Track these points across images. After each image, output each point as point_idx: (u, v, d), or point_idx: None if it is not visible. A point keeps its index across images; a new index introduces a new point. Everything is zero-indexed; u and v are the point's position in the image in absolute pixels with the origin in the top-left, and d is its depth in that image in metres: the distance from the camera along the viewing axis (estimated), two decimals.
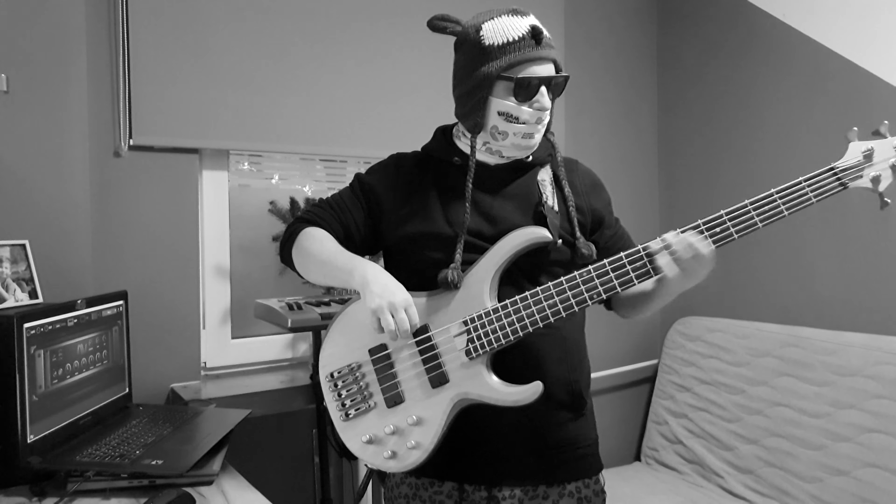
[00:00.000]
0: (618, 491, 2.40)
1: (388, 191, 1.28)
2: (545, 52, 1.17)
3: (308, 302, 1.85)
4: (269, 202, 2.15)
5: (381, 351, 1.20)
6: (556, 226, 1.21)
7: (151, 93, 1.83)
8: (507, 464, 1.22)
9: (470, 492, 1.25)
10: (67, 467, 1.26)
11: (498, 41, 1.17)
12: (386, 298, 1.10)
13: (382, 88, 2.20)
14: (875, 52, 2.23)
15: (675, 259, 1.10)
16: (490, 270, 1.16)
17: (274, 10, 2.01)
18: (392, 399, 1.18)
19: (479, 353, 1.14)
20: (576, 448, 1.25)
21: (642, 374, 2.94)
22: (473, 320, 1.15)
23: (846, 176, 1.10)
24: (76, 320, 1.46)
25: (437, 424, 1.15)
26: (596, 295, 1.13)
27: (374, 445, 1.19)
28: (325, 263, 1.21)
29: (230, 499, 1.26)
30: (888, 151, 1.09)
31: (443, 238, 1.20)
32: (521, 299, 1.14)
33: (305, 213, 1.31)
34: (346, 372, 1.22)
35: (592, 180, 1.33)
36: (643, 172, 2.96)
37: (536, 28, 1.17)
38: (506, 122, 1.19)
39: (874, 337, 2.16)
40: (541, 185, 1.25)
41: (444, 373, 1.16)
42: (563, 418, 1.23)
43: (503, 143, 1.21)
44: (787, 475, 2.22)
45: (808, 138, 2.42)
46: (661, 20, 2.97)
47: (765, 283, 2.57)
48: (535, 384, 1.12)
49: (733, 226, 1.11)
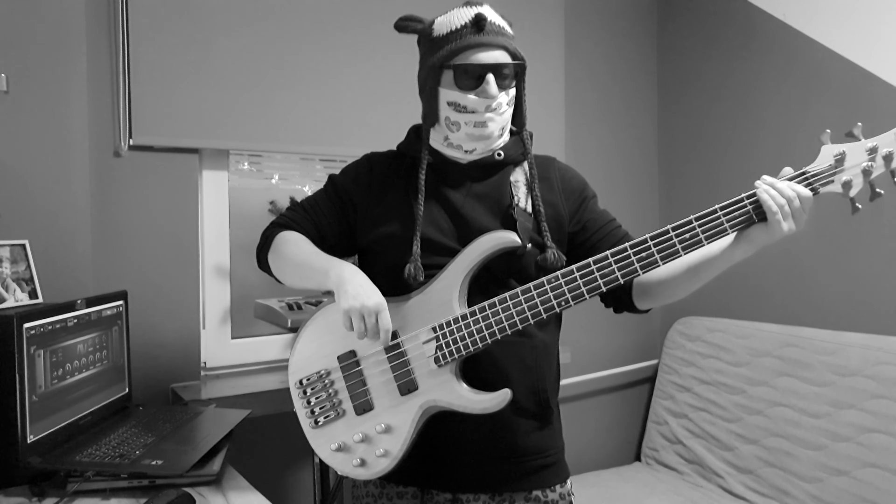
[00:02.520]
0: (618, 491, 2.40)
1: (362, 191, 1.27)
2: (488, 39, 1.15)
3: (308, 302, 1.85)
4: (269, 202, 2.15)
5: (350, 358, 1.19)
6: (528, 229, 1.19)
7: (151, 93, 1.83)
8: (470, 470, 1.21)
9: (434, 494, 1.24)
10: (67, 467, 1.26)
11: (443, 31, 1.18)
12: (360, 301, 1.08)
13: (382, 88, 2.20)
14: (875, 52, 2.23)
15: (774, 198, 1.05)
16: (459, 276, 1.15)
17: (274, 11, 2.01)
18: (361, 406, 1.18)
19: (447, 361, 1.13)
20: (542, 456, 1.24)
21: (642, 374, 2.94)
22: (442, 327, 1.14)
23: (817, 181, 1.08)
24: (76, 320, 1.46)
25: (406, 432, 1.15)
26: (564, 302, 1.10)
27: (343, 453, 1.18)
28: (301, 265, 1.20)
29: (230, 499, 1.26)
30: (860, 155, 1.07)
31: (410, 238, 1.19)
32: (489, 305, 1.13)
33: (279, 218, 1.30)
34: (315, 379, 1.21)
35: (570, 176, 1.30)
36: (643, 172, 2.96)
37: (480, 15, 1.16)
38: (455, 111, 1.18)
39: (874, 337, 2.16)
40: (514, 186, 1.23)
41: (413, 380, 1.15)
42: (530, 426, 1.22)
43: (458, 135, 1.20)
44: (787, 475, 2.22)
45: (807, 138, 2.42)
46: (662, 20, 2.97)
47: (765, 283, 2.57)
48: (503, 392, 1.11)
49: (727, 221, 1.09)
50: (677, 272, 1.18)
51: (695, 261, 1.16)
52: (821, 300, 2.40)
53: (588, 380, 2.73)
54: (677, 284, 1.20)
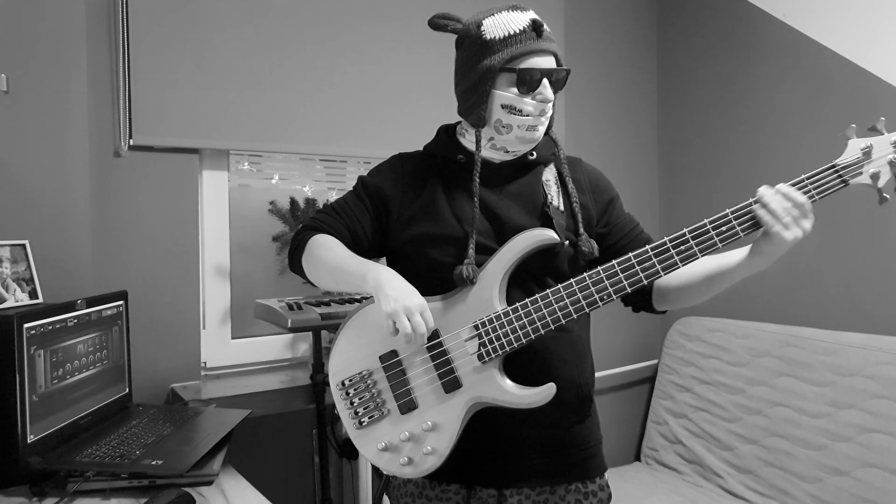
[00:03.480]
0: (618, 491, 2.39)
1: (394, 192, 1.27)
2: (546, 45, 1.17)
3: (308, 302, 1.85)
4: (269, 202, 2.15)
5: (391, 358, 1.19)
6: (562, 226, 1.21)
7: (151, 93, 1.83)
8: (515, 465, 1.22)
9: (478, 490, 1.25)
10: (67, 467, 1.26)
11: (499, 35, 1.18)
12: (402, 302, 1.09)
13: (382, 88, 2.20)
14: (875, 52, 2.23)
15: (771, 212, 1.07)
16: (498, 273, 1.16)
17: (274, 11, 2.01)
18: (406, 405, 1.18)
19: (491, 357, 1.14)
20: (582, 449, 1.25)
21: (642, 374, 2.94)
22: (484, 324, 1.15)
23: (847, 173, 1.11)
24: (76, 320, 1.46)
25: (453, 429, 1.15)
26: (606, 296, 1.12)
27: (389, 453, 1.18)
28: (336, 269, 1.20)
29: (230, 499, 1.26)
30: (886, 148, 1.10)
31: (452, 237, 1.20)
32: (531, 302, 1.14)
33: (311, 221, 1.30)
34: (358, 380, 1.21)
35: (596, 177, 1.33)
36: (643, 172, 2.96)
37: (537, 21, 1.18)
38: (509, 114, 1.19)
39: (874, 337, 2.16)
40: (545, 185, 1.25)
41: (456, 378, 1.16)
42: (571, 420, 1.24)
43: (507, 137, 1.21)
44: (787, 475, 2.22)
45: (808, 138, 2.42)
46: (661, 20, 2.97)
47: (765, 283, 2.56)
48: (548, 386, 1.12)
49: (738, 225, 1.11)
50: (695, 279, 1.22)
51: (712, 270, 1.20)
52: (821, 300, 2.40)
53: None
54: (694, 291, 1.24)
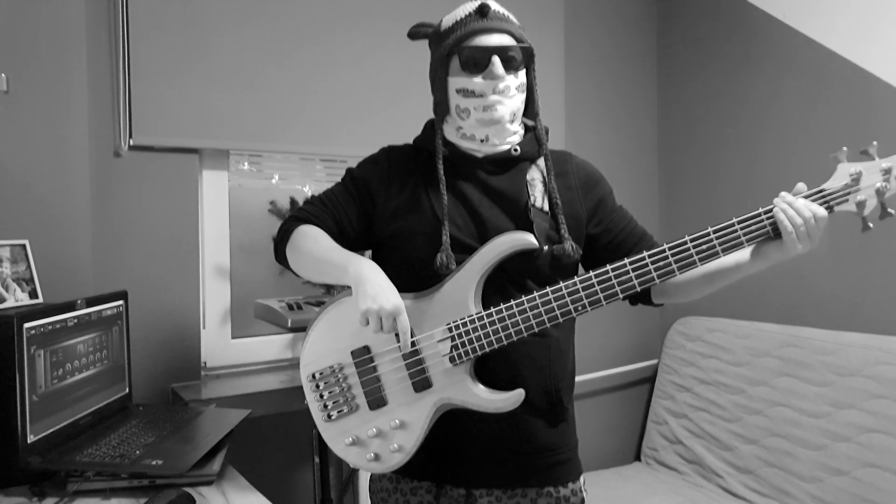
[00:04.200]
0: (618, 491, 2.40)
1: (381, 184, 1.27)
2: (492, 24, 1.18)
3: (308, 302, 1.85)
4: (269, 202, 2.15)
5: (364, 353, 1.19)
6: (544, 230, 1.20)
7: (151, 93, 1.83)
8: (484, 466, 1.22)
9: (448, 489, 1.26)
10: (67, 467, 1.26)
11: (448, 24, 1.22)
12: (378, 302, 1.09)
13: (382, 88, 2.20)
14: (876, 52, 2.22)
15: (789, 217, 1.07)
16: (475, 276, 1.16)
17: (274, 11, 2.01)
18: (375, 402, 1.18)
19: (462, 360, 1.14)
20: (555, 453, 1.25)
21: (642, 374, 2.94)
22: (458, 326, 1.15)
23: (833, 199, 1.09)
24: (76, 320, 1.46)
25: (420, 428, 1.16)
26: (581, 307, 1.12)
27: (357, 447, 1.19)
28: (320, 260, 1.21)
29: (230, 499, 1.26)
30: (875, 175, 1.08)
31: (430, 232, 1.20)
32: (506, 308, 1.14)
33: (298, 212, 1.30)
34: (329, 373, 1.21)
35: (587, 173, 1.31)
36: (643, 172, 2.96)
37: (485, 4, 1.19)
38: (465, 97, 1.19)
39: (874, 337, 2.16)
40: (530, 184, 1.24)
41: (427, 378, 1.16)
42: (542, 424, 1.23)
43: (469, 122, 1.21)
44: (787, 475, 2.22)
45: (808, 139, 2.42)
46: (661, 20, 2.97)
47: (765, 283, 2.56)
48: (517, 392, 1.13)
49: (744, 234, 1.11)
50: (693, 278, 1.23)
51: (710, 269, 1.20)
52: (821, 300, 2.40)
53: (588, 380, 2.73)
54: (691, 289, 1.25)
